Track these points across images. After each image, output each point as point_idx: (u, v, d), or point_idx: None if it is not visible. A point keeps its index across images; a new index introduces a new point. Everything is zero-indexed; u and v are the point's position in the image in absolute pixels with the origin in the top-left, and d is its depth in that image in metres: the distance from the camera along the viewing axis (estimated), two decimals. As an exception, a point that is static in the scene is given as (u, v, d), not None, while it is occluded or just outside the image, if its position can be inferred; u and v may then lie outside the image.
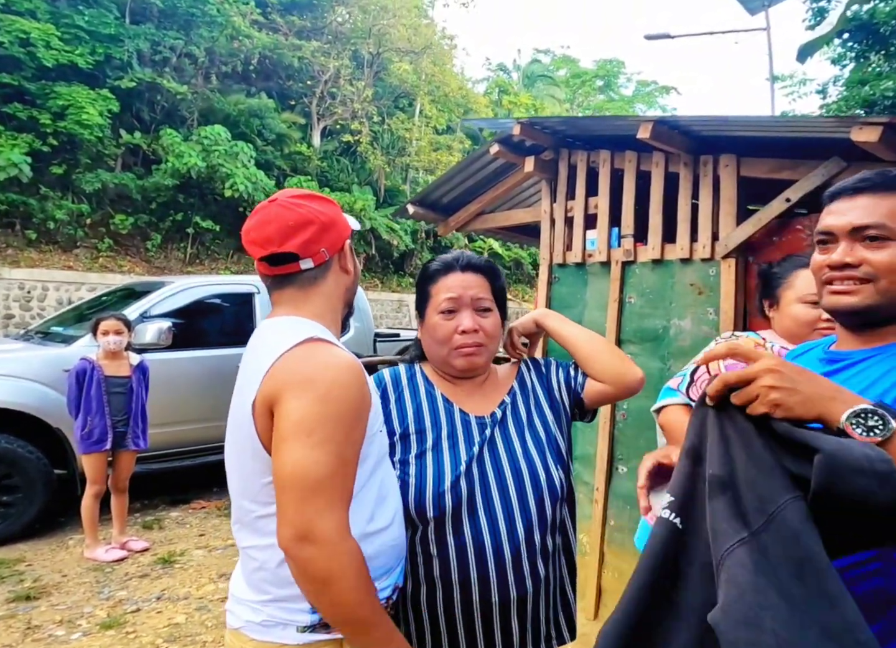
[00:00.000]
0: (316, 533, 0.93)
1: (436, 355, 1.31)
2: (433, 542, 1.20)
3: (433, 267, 1.34)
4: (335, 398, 0.99)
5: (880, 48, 9.76)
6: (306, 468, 0.95)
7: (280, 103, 15.01)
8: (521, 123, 3.08)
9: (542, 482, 1.24)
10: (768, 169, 2.58)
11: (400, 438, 1.27)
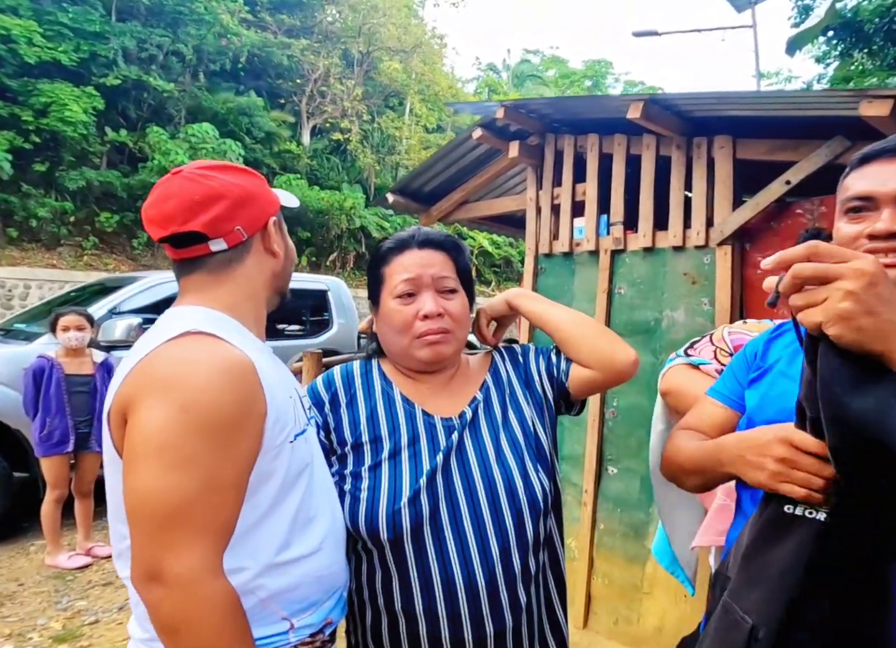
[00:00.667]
0: (166, 573, 0.76)
1: (395, 348, 1.12)
2: (392, 568, 1.01)
3: (385, 246, 1.15)
4: (201, 407, 0.80)
5: (864, 46, 9.75)
6: (156, 495, 0.77)
7: (269, 102, 14.84)
8: (504, 105, 2.89)
9: (519, 493, 1.04)
10: (766, 150, 2.40)
11: (352, 448, 1.08)
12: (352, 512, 1.02)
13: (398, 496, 1.01)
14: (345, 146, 15.20)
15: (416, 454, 1.05)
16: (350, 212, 13.92)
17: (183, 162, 11.04)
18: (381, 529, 0.99)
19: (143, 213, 0.97)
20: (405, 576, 1.00)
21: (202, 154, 11.48)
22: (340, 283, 6.52)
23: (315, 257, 14.37)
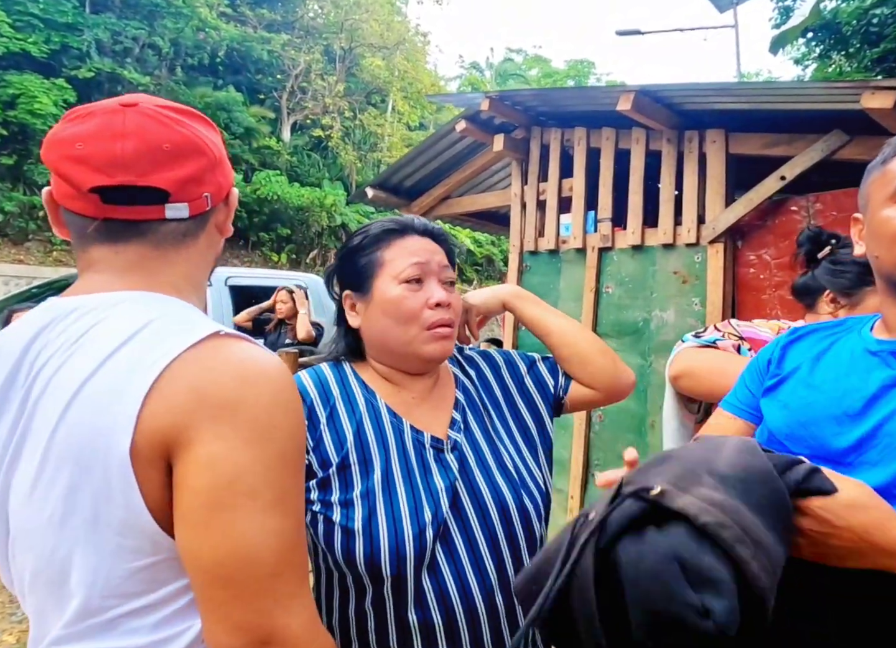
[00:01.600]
0: (280, 634, 0.62)
1: (395, 341, 0.96)
2: (389, 607, 0.89)
3: (380, 227, 1.00)
4: (279, 431, 0.64)
5: (842, 48, 9.87)
6: (259, 547, 0.62)
7: (249, 97, 14.59)
8: (489, 97, 2.77)
9: (514, 518, 0.95)
10: (761, 145, 2.31)
11: (338, 469, 0.92)
12: (347, 546, 0.88)
13: (399, 529, 0.88)
14: (326, 143, 15.01)
15: (409, 476, 0.93)
16: (331, 209, 13.74)
17: None
18: (383, 565, 0.87)
19: (64, 145, 0.69)
20: (403, 616, 0.89)
21: (180, 149, 11.27)
22: (319, 280, 6.36)
23: (295, 254, 14.17)
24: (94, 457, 0.62)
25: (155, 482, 0.62)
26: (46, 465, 0.63)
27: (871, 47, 9.16)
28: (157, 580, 0.66)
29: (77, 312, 0.69)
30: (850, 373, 0.83)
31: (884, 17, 8.69)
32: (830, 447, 0.80)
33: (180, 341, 0.64)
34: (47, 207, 0.76)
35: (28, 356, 0.68)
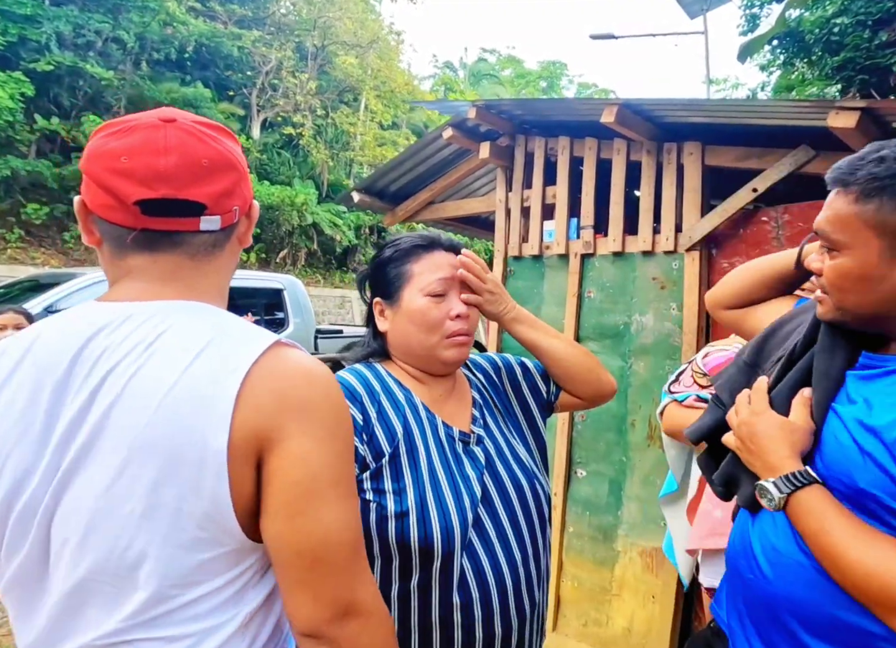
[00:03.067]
0: (361, 604, 0.73)
1: (418, 346, 1.10)
2: (435, 586, 1.02)
3: (410, 242, 1.13)
4: (343, 427, 0.76)
5: (804, 56, 10.23)
6: (342, 530, 0.72)
7: (217, 93, 14.41)
8: (476, 105, 2.87)
9: (541, 501, 1.14)
10: (734, 158, 2.47)
11: (389, 460, 1.04)
12: (402, 530, 1.00)
13: (447, 512, 1.02)
14: (297, 141, 14.92)
15: (448, 466, 1.06)
16: (302, 208, 13.67)
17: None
18: (435, 545, 0.99)
19: (109, 158, 0.73)
20: (449, 588, 1.02)
21: (144, 145, 11.07)
22: (296, 281, 6.39)
23: (265, 253, 14.06)
24: (186, 454, 0.68)
25: (245, 477, 0.70)
26: (131, 462, 0.69)
27: (832, 56, 9.53)
28: (217, 570, 0.73)
29: (134, 318, 0.74)
30: None
31: (844, 26, 9.06)
32: None
33: (252, 351, 0.72)
34: (79, 215, 0.81)
35: (83, 360, 0.72)
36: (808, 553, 0.83)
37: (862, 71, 9.07)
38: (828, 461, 0.85)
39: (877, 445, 0.78)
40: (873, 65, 8.86)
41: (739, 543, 0.96)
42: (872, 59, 8.90)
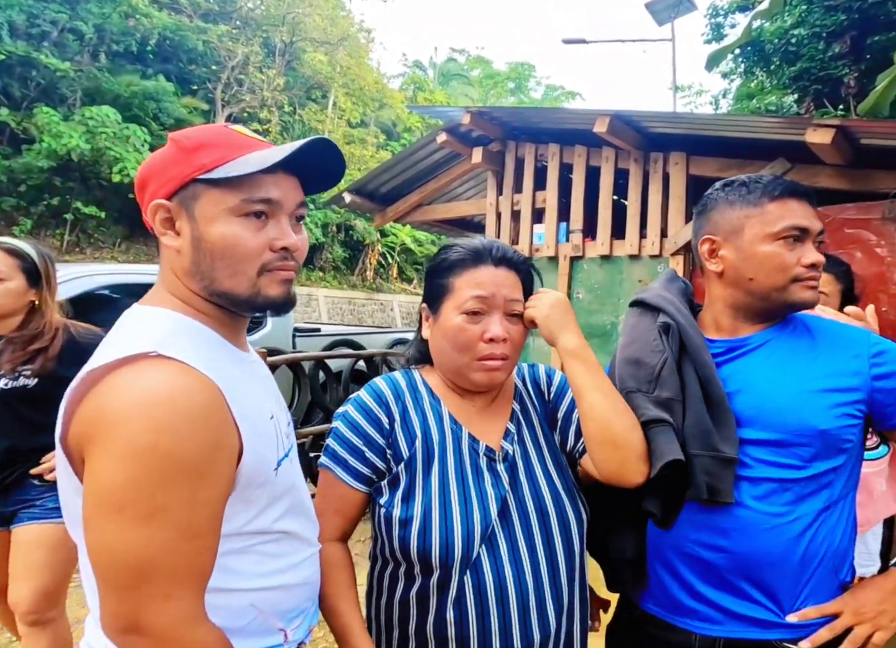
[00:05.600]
0: (146, 626, 0.72)
1: (449, 363, 1.06)
2: (432, 599, 1.00)
3: (456, 255, 1.05)
4: (162, 454, 0.70)
5: (764, 65, 10.65)
6: (124, 552, 0.71)
7: (180, 87, 14.14)
8: (470, 111, 2.99)
9: (571, 523, 1.05)
10: (716, 168, 2.65)
11: (405, 466, 1.03)
12: (403, 537, 0.99)
13: (450, 526, 0.98)
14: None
15: (463, 481, 1.02)
16: (269, 206, 13.54)
17: (78, 146, 10.42)
18: (433, 557, 0.97)
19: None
20: (443, 605, 0.99)
21: (101, 139, 10.80)
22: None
23: (231, 251, 13.92)
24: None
25: (82, 472, 0.75)
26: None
27: (790, 66, 9.97)
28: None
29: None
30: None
31: (801, 37, 9.51)
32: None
33: (116, 353, 0.75)
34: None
35: None
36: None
37: (816, 81, 9.52)
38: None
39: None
40: (827, 76, 9.33)
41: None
42: (826, 70, 9.36)
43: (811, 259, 1.05)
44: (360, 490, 1.05)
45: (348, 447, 1.04)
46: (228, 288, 0.83)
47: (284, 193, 0.84)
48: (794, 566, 1.05)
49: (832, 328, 1.14)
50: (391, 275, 16.47)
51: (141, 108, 12.84)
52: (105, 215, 11.55)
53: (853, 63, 9.21)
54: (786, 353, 1.09)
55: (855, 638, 1.03)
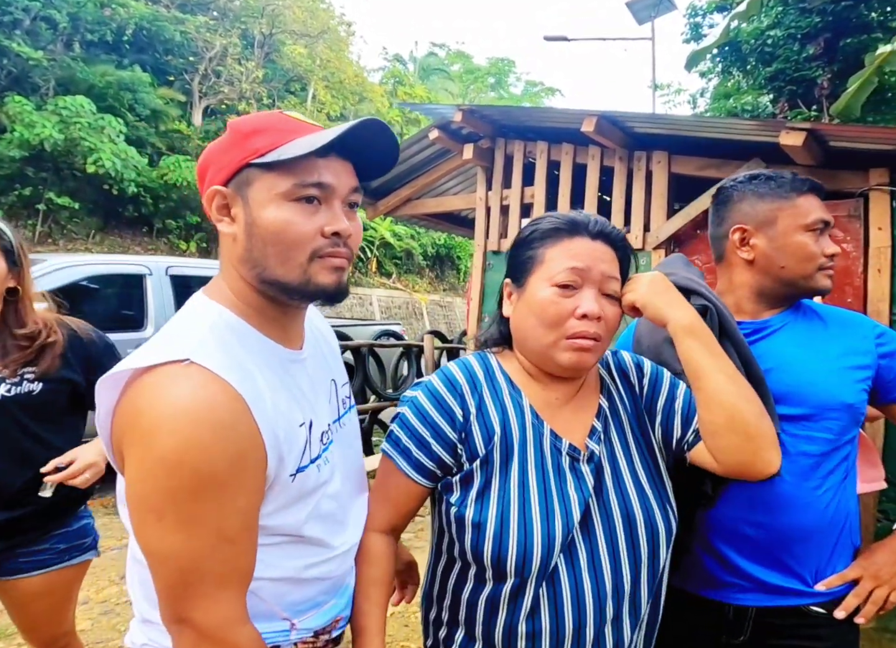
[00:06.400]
0: (195, 623, 0.77)
1: (534, 342, 0.95)
2: (502, 608, 0.93)
3: (550, 224, 0.97)
4: (190, 468, 0.72)
5: (741, 65, 10.93)
6: (168, 556, 0.75)
7: (157, 78, 14.02)
8: (461, 109, 3.12)
9: (640, 537, 0.95)
10: (696, 167, 2.82)
11: (481, 463, 0.94)
12: (476, 542, 0.92)
13: (529, 533, 0.90)
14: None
15: (544, 482, 0.93)
16: (245, 198, 13.52)
17: (52, 136, 10.34)
18: (509, 566, 0.90)
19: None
20: (515, 616, 0.93)
21: (75, 129, 10.71)
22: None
23: (205, 243, 13.81)
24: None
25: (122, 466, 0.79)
26: None
27: (766, 66, 10.25)
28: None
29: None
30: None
31: (777, 38, 9.79)
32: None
33: (151, 356, 0.76)
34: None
35: None
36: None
37: (791, 82, 9.82)
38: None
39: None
40: (801, 77, 9.62)
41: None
42: (800, 71, 9.65)
43: (832, 250, 1.17)
44: (420, 484, 0.98)
45: (414, 438, 0.96)
46: (280, 276, 0.82)
47: (337, 177, 0.83)
48: (825, 536, 1.14)
49: (838, 313, 1.25)
50: (370, 269, 16.52)
51: (116, 98, 12.73)
52: (79, 206, 11.43)
53: (826, 64, 9.51)
54: (805, 334, 1.18)
55: (876, 600, 1.13)
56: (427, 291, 17.95)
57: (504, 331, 1.03)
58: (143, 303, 4.87)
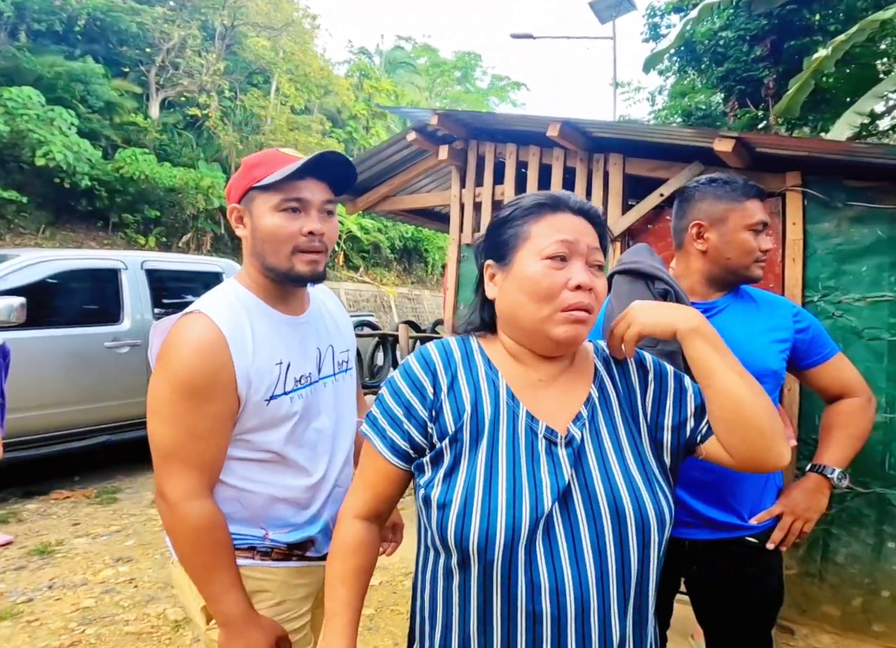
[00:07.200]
0: (165, 494, 1.10)
1: (527, 319, 0.94)
2: (472, 594, 0.91)
3: (533, 200, 0.98)
4: (181, 377, 1.08)
5: (696, 65, 11.49)
6: (157, 441, 1.11)
7: (110, 69, 13.86)
8: (437, 113, 3.49)
9: (630, 529, 0.91)
10: (647, 168, 3.26)
11: (450, 442, 0.93)
12: (441, 523, 0.90)
13: (493, 514, 0.87)
14: (202, 122, 14.68)
15: (514, 464, 0.91)
16: (208, 192, 13.53)
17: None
18: (471, 547, 0.87)
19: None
20: (488, 601, 0.90)
21: (22, 121, 10.57)
22: (235, 265, 6.63)
23: (165, 237, 13.77)
24: None
25: None
26: None
27: (718, 66, 10.82)
28: None
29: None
30: None
31: (728, 39, 10.38)
32: None
33: (184, 311, 1.17)
34: None
35: None
36: None
37: (741, 82, 10.43)
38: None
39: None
40: (750, 77, 10.24)
41: None
42: (749, 71, 10.27)
43: (767, 246, 1.44)
44: (396, 466, 0.98)
45: (388, 417, 0.98)
46: (273, 264, 1.17)
47: (312, 193, 1.17)
48: (757, 478, 1.41)
49: (766, 295, 1.51)
50: (337, 263, 16.68)
51: (67, 90, 12.55)
52: (27, 200, 11.26)
53: (772, 65, 10.14)
54: (742, 313, 1.44)
55: (794, 531, 1.41)
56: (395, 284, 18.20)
57: (486, 316, 1.04)
58: (118, 297, 5.09)
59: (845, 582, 2.58)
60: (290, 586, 1.23)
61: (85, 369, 4.67)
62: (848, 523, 2.58)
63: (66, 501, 4.55)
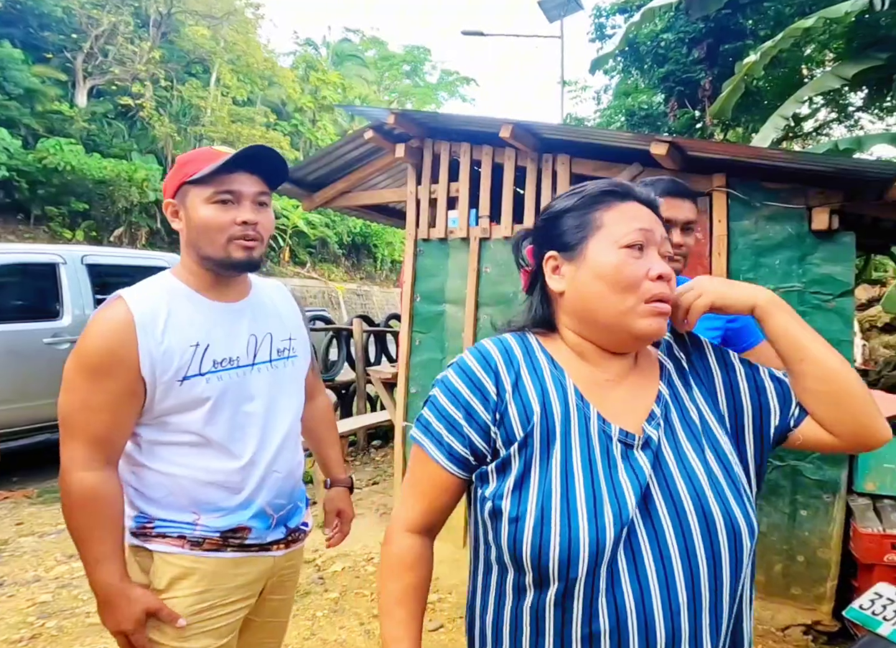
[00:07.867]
0: (63, 462, 1.19)
1: (606, 311, 0.89)
2: (550, 615, 0.84)
3: (598, 188, 0.95)
4: (83, 352, 1.18)
5: (639, 65, 12.06)
6: (59, 409, 1.20)
7: (30, 55, 13.41)
8: (394, 113, 3.72)
9: (720, 536, 0.84)
10: (592, 168, 3.59)
11: (519, 448, 0.87)
12: (514, 538, 0.84)
13: (574, 525, 0.81)
14: (135, 112, 14.37)
15: (591, 469, 0.85)
16: (142, 184, 13.29)
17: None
18: (551, 563, 0.81)
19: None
20: (567, 623, 0.83)
21: (-68, 107, 10.19)
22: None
23: (94, 231, 13.44)
24: None
25: None
26: None
27: (659, 67, 11.40)
28: None
29: None
30: None
31: (669, 42, 10.97)
32: None
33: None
34: None
35: None
36: None
37: (680, 83, 11.05)
38: None
39: None
40: (688, 78, 10.87)
41: None
42: (688, 73, 10.90)
43: (677, 240, 1.69)
44: (453, 474, 0.92)
45: (445, 420, 0.91)
46: (209, 253, 1.25)
47: (242, 185, 1.24)
48: None
49: None
50: (283, 258, 16.60)
51: (-19, 76, 12.10)
52: (-61, 193, 10.87)
53: (709, 68, 10.79)
54: None
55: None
56: (343, 279, 18.22)
57: (546, 312, 0.98)
58: (58, 292, 5.09)
59: (768, 550, 2.97)
60: (224, 575, 1.28)
61: (23, 366, 4.68)
62: (768, 494, 2.97)
63: (6, 501, 4.55)
